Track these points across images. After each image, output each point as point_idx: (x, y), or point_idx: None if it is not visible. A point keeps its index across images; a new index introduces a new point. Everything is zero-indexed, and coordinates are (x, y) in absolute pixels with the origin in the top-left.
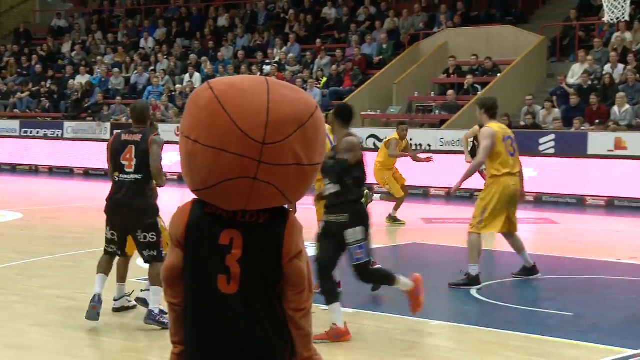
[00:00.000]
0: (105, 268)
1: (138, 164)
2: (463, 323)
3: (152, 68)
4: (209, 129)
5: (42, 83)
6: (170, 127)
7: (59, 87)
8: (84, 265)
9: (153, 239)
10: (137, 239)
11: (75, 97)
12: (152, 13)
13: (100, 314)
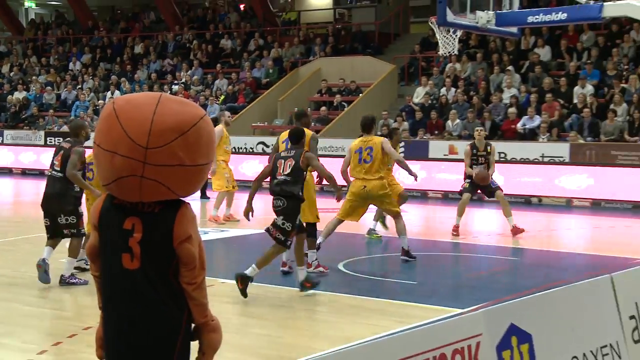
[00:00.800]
0: (49, 243)
1: (63, 165)
2: (331, 292)
3: (80, 86)
4: (107, 136)
5: None
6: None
7: None
8: (20, 249)
9: (73, 220)
10: (60, 221)
11: (14, 109)
12: (80, 41)
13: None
